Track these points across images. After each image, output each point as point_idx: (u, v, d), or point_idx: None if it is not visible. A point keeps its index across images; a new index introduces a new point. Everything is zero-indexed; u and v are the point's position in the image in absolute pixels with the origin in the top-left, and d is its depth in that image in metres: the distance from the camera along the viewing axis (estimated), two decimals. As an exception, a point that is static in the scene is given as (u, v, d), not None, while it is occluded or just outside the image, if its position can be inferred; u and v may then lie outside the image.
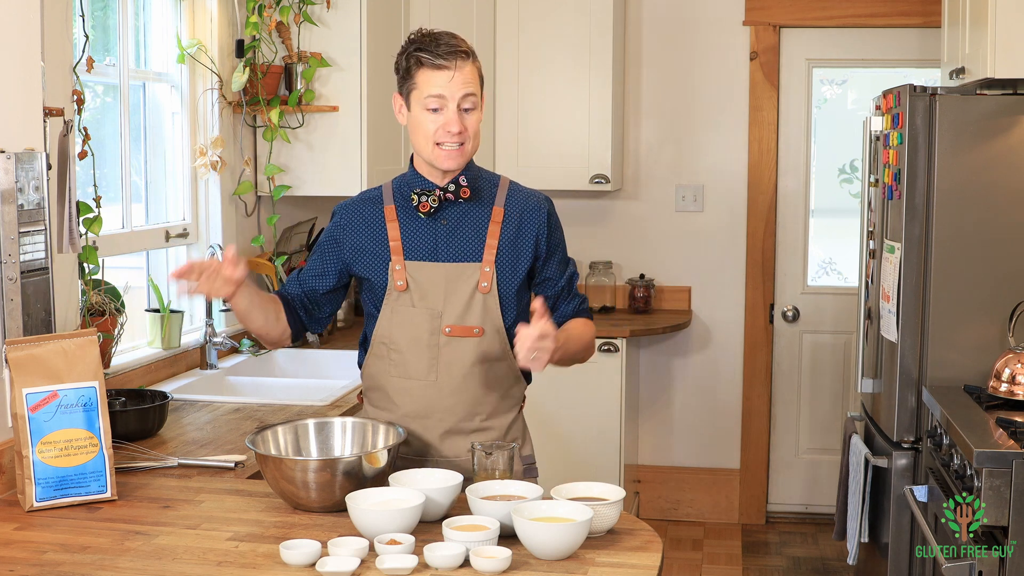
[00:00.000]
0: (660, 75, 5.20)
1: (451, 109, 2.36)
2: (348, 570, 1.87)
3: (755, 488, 5.33)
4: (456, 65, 2.35)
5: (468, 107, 2.38)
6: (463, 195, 2.44)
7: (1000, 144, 3.48)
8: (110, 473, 2.31)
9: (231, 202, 3.94)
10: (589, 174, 4.91)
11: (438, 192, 2.43)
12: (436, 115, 2.37)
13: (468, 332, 2.42)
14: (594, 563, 1.93)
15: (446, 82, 2.35)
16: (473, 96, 2.38)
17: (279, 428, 2.35)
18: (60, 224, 2.67)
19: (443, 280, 2.43)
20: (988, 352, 3.45)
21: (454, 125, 2.36)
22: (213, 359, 3.66)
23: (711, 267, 5.26)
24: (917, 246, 3.55)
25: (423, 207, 2.42)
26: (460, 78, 2.35)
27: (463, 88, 2.36)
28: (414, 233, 2.45)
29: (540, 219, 2.48)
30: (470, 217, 2.46)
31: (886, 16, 5.01)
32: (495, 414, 2.49)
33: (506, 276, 2.45)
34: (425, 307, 2.42)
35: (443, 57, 2.34)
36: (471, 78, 2.37)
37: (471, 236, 2.45)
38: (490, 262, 2.43)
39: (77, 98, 2.90)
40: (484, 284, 2.42)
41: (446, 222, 2.45)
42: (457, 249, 2.44)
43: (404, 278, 2.43)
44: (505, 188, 2.50)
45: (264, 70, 3.91)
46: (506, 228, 2.46)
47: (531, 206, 2.49)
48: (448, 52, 2.35)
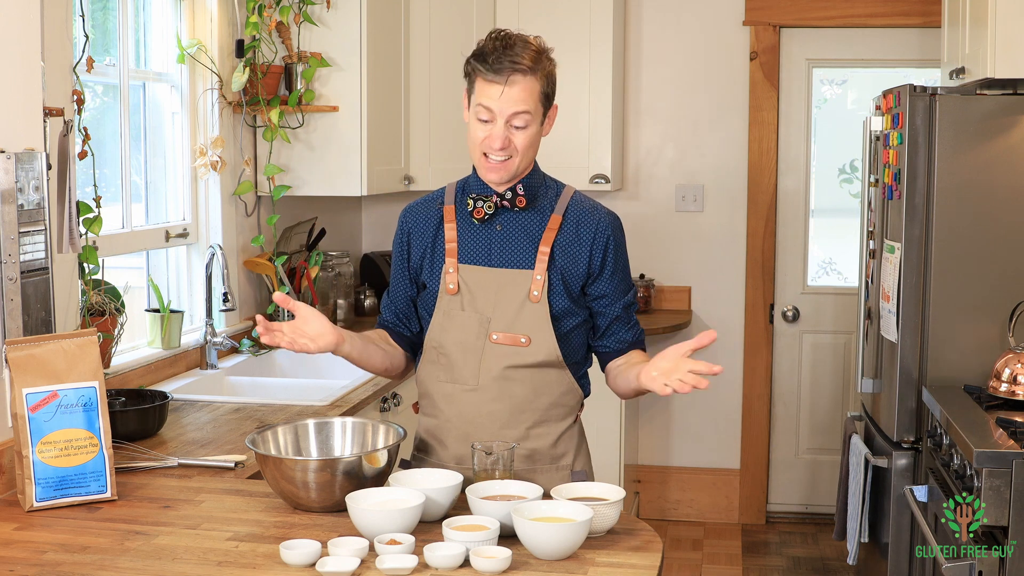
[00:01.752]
0: (660, 75, 5.20)
1: (498, 124, 2.31)
2: (348, 570, 1.87)
3: (755, 488, 5.33)
4: (509, 81, 2.28)
5: (519, 124, 2.32)
6: (519, 204, 2.39)
7: (1000, 144, 3.48)
8: (110, 473, 2.31)
9: (231, 202, 3.94)
10: (589, 174, 4.91)
11: (495, 198, 2.39)
12: (485, 125, 2.33)
13: (515, 341, 2.36)
14: (594, 563, 1.93)
15: (496, 97, 2.29)
16: (526, 114, 2.31)
17: (279, 428, 2.35)
18: (60, 224, 2.67)
19: (494, 285, 2.38)
20: (988, 352, 3.45)
21: (497, 141, 2.31)
22: (213, 359, 3.66)
23: (711, 267, 5.26)
24: (917, 246, 3.55)
25: (477, 213, 2.39)
26: (511, 95, 2.29)
27: (513, 106, 2.29)
28: (470, 236, 2.41)
29: (599, 230, 2.41)
30: (526, 223, 2.40)
31: (886, 16, 5.01)
32: (542, 423, 2.41)
33: (558, 284, 2.38)
34: (474, 311, 2.37)
35: (496, 72, 2.28)
36: (525, 95, 2.30)
37: (525, 243, 2.39)
38: (542, 270, 2.36)
39: (77, 98, 2.90)
40: (535, 292, 2.36)
41: (501, 228, 2.40)
42: (510, 255, 2.39)
43: (456, 281, 2.38)
44: (568, 197, 2.44)
45: (264, 70, 3.91)
46: (562, 237, 2.39)
47: (592, 218, 2.42)
48: (503, 67, 2.28)
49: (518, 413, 2.39)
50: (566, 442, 2.45)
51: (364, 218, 5.20)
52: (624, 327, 2.46)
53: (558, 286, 2.38)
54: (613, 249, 2.43)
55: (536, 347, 2.36)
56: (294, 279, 4.13)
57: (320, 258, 4.18)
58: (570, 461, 2.46)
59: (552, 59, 2.41)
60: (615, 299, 2.44)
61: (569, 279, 2.39)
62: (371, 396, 3.37)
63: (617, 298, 2.44)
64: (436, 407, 2.44)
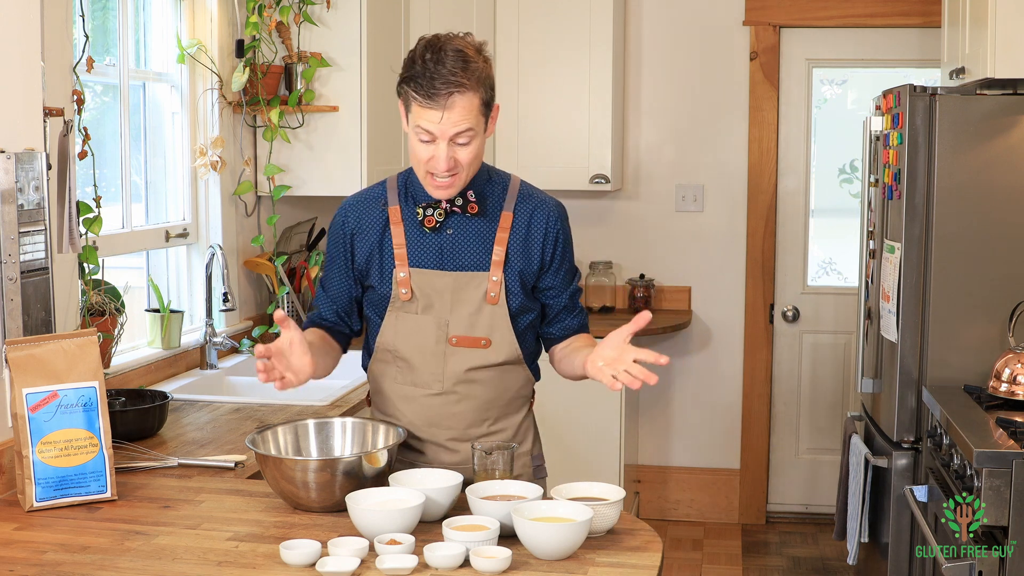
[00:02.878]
0: (660, 75, 5.20)
1: (441, 146, 2.23)
2: (348, 570, 1.87)
3: (755, 488, 5.33)
4: (447, 104, 2.19)
5: (462, 141, 2.24)
6: (471, 210, 2.35)
7: (1000, 144, 3.48)
8: (110, 473, 2.31)
9: (231, 202, 3.94)
10: (589, 174, 4.91)
11: (444, 205, 2.34)
12: (427, 146, 2.25)
13: (475, 343, 2.35)
14: (594, 563, 1.93)
15: (436, 121, 2.20)
16: (469, 131, 2.23)
17: (279, 428, 2.35)
18: (60, 224, 2.67)
19: (449, 289, 2.35)
20: (988, 352, 3.45)
21: (442, 163, 2.23)
22: (213, 359, 3.66)
23: (711, 267, 5.26)
24: (917, 246, 3.55)
25: (428, 222, 2.34)
26: (451, 117, 2.20)
27: (454, 127, 2.21)
28: (419, 240, 2.36)
29: (549, 225, 2.39)
30: (478, 225, 2.37)
31: (886, 16, 5.01)
32: (503, 416, 2.44)
33: (515, 284, 2.36)
34: (431, 316, 2.35)
35: (432, 98, 2.18)
36: (466, 114, 2.21)
37: (478, 244, 2.36)
38: (498, 271, 2.34)
39: (77, 98, 2.90)
40: (492, 294, 2.34)
41: (452, 231, 2.36)
42: (464, 258, 2.36)
43: (409, 286, 2.35)
44: (515, 191, 2.40)
45: (264, 70, 3.91)
46: (515, 235, 2.37)
47: (541, 211, 2.39)
48: (439, 91, 2.18)
49: (482, 412, 2.41)
50: (524, 431, 2.49)
51: (364, 218, 5.20)
52: (570, 315, 2.47)
53: (515, 285, 2.37)
54: (563, 242, 2.42)
55: (497, 348, 2.37)
56: (294, 279, 4.13)
57: (320, 258, 4.18)
58: (528, 447, 2.50)
59: (488, 59, 2.28)
60: (563, 289, 2.44)
61: (525, 277, 2.38)
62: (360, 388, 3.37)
63: (564, 288, 2.44)
64: (394, 407, 2.43)
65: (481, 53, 2.27)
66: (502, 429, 2.44)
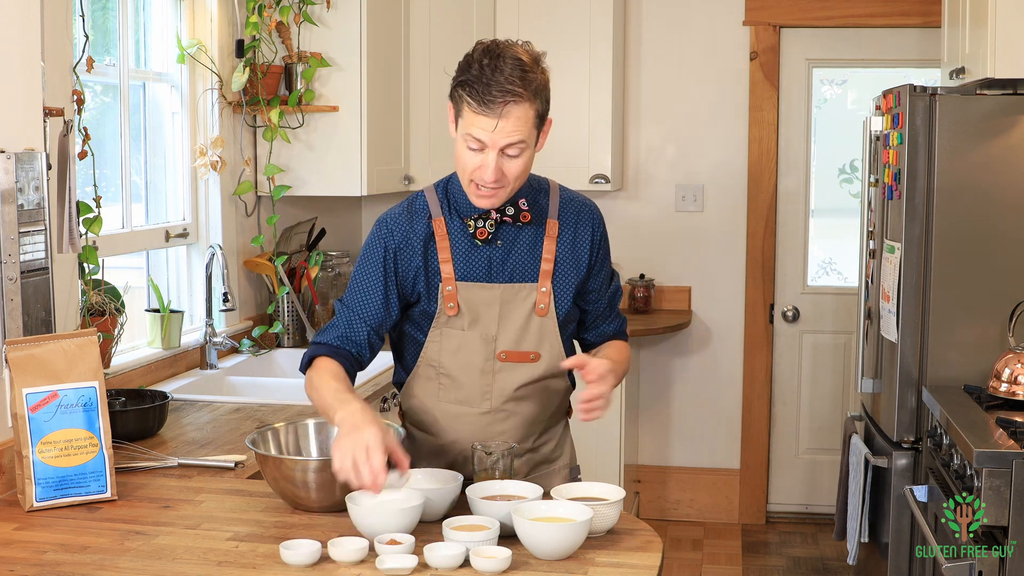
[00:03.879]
0: (660, 75, 5.20)
1: (490, 156, 2.14)
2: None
3: (755, 488, 5.33)
4: (503, 113, 2.09)
5: (513, 153, 2.15)
6: (523, 219, 2.27)
7: (1000, 144, 3.48)
8: (110, 473, 2.31)
9: (231, 202, 3.94)
10: (589, 174, 4.91)
11: (495, 216, 2.26)
12: (475, 154, 2.15)
13: (524, 358, 2.28)
14: (594, 563, 1.93)
15: (489, 130, 2.11)
16: (521, 143, 2.13)
17: (279, 428, 2.35)
18: (60, 224, 2.67)
19: (497, 303, 2.27)
20: (988, 352, 3.45)
21: (490, 173, 2.14)
22: (213, 359, 3.66)
23: (711, 267, 5.26)
24: (917, 246, 3.55)
25: (480, 234, 2.25)
26: (505, 127, 2.10)
27: (507, 138, 2.12)
28: (467, 252, 2.28)
29: (595, 227, 2.34)
30: (526, 235, 2.30)
31: (886, 16, 5.01)
32: (547, 430, 2.41)
33: (565, 294, 2.30)
34: (478, 332, 2.27)
35: (487, 105, 2.09)
36: (520, 124, 2.11)
37: (527, 255, 2.29)
38: (547, 282, 2.28)
39: (77, 98, 2.90)
40: (541, 306, 2.28)
41: (502, 243, 2.28)
42: (512, 269, 2.28)
43: (455, 300, 2.26)
44: (557, 196, 2.33)
45: (264, 70, 3.91)
46: (562, 243, 2.30)
47: (586, 215, 2.34)
48: (495, 99, 2.09)
49: (528, 428, 2.37)
50: (561, 443, 2.46)
51: (364, 218, 5.20)
52: (606, 320, 2.44)
53: (564, 295, 2.32)
54: (604, 240, 2.39)
55: (545, 361, 2.31)
56: (294, 279, 4.13)
57: (320, 258, 4.18)
58: (567, 460, 2.47)
59: (545, 68, 2.19)
60: (603, 293, 2.41)
61: (576, 284, 2.33)
62: (371, 396, 3.37)
63: (604, 291, 2.41)
64: (438, 426, 2.36)
65: (539, 64, 2.18)
66: (546, 442, 2.41)
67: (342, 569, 1.90)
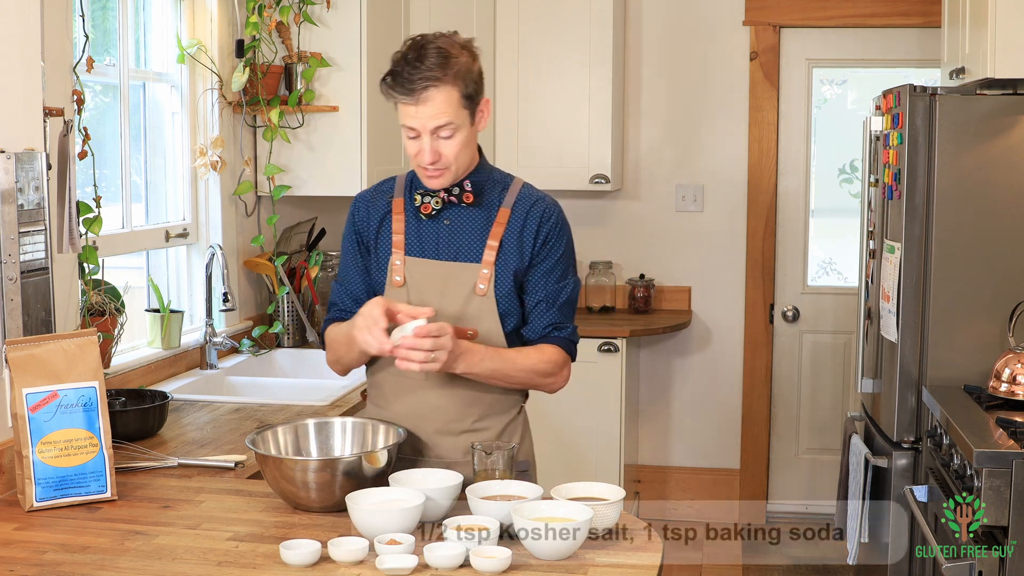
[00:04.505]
0: (660, 75, 5.20)
1: (424, 139, 2.31)
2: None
3: (755, 488, 5.33)
4: (422, 98, 2.27)
5: (444, 135, 2.31)
6: (466, 199, 2.40)
7: (1000, 144, 3.48)
8: (110, 473, 2.31)
9: (231, 202, 3.94)
10: (589, 174, 4.91)
11: (442, 194, 2.40)
12: (414, 141, 2.33)
13: (462, 334, 2.35)
14: (594, 563, 1.93)
15: (414, 115, 2.29)
16: (449, 124, 2.29)
17: (279, 428, 2.35)
18: (60, 224, 2.67)
19: (440, 279, 2.39)
20: (988, 352, 3.44)
21: (426, 156, 2.31)
22: (213, 359, 3.66)
23: (711, 267, 5.25)
24: (917, 246, 3.55)
25: (424, 208, 2.41)
26: (428, 111, 2.28)
27: (433, 120, 2.28)
28: (417, 230, 2.42)
29: (543, 220, 2.41)
30: (474, 218, 2.41)
31: (886, 16, 5.01)
32: (489, 414, 2.45)
33: (506, 278, 2.39)
34: (421, 304, 2.37)
35: (408, 93, 2.27)
36: (443, 107, 2.28)
37: (473, 237, 2.40)
38: (489, 264, 2.38)
39: (77, 98, 2.90)
40: (481, 286, 2.38)
41: (449, 222, 2.41)
42: (458, 248, 2.40)
43: (402, 273, 2.40)
44: (516, 190, 2.44)
45: (264, 70, 3.91)
46: (510, 230, 2.40)
47: (538, 207, 2.42)
48: (414, 85, 2.26)
49: (465, 407, 2.42)
50: (510, 433, 2.49)
51: (364, 218, 5.19)
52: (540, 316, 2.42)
53: (505, 280, 2.39)
54: (553, 239, 2.42)
55: (483, 341, 2.38)
56: (294, 279, 4.13)
57: (320, 258, 4.18)
58: None
59: (472, 52, 2.35)
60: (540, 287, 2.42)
61: (516, 275, 2.40)
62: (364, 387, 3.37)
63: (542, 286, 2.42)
64: (385, 398, 2.48)
65: (467, 48, 2.34)
66: (487, 427, 2.45)
67: (342, 569, 1.90)
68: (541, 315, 2.43)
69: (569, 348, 2.47)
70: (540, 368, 2.41)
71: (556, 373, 2.45)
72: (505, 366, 2.37)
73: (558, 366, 2.44)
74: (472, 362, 2.32)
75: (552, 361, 2.43)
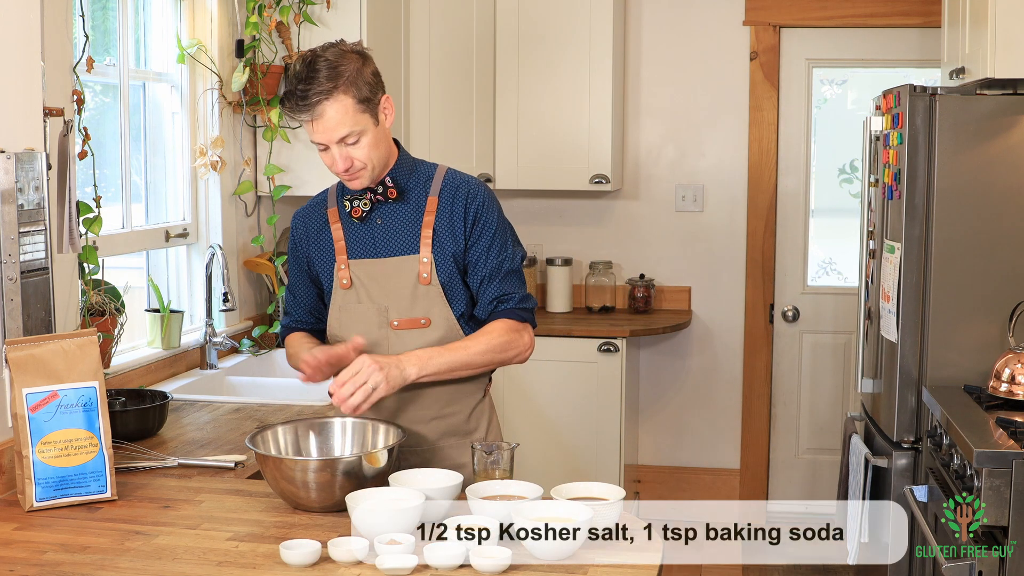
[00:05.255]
0: (660, 75, 5.20)
1: (334, 151, 2.36)
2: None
3: (755, 488, 5.32)
4: (317, 113, 2.31)
5: (351, 142, 2.36)
6: (391, 195, 2.46)
7: (1000, 144, 3.48)
8: (110, 473, 2.31)
9: (231, 202, 3.94)
10: (589, 174, 4.91)
11: (368, 195, 2.46)
12: (325, 153, 2.39)
13: (415, 324, 2.43)
14: (594, 563, 1.93)
15: (316, 131, 2.35)
16: (351, 133, 2.34)
17: (279, 428, 2.35)
18: (60, 224, 2.67)
19: (384, 276, 2.45)
20: (988, 352, 3.44)
21: (339, 164, 2.37)
22: (213, 359, 3.66)
23: (711, 267, 5.25)
24: (917, 246, 3.55)
25: (355, 212, 2.47)
26: (324, 125, 2.32)
27: (333, 132, 2.33)
28: (354, 233, 2.49)
29: (469, 200, 2.46)
30: (405, 211, 2.47)
31: (886, 16, 5.01)
32: (455, 400, 2.50)
33: (446, 264, 2.44)
34: (371, 303, 2.45)
35: (305, 110, 2.32)
36: (339, 117, 2.32)
37: (407, 229, 2.46)
38: (427, 252, 2.44)
39: (77, 98, 2.90)
40: (424, 275, 2.44)
41: (382, 221, 2.47)
42: (395, 244, 2.46)
43: (348, 276, 2.47)
44: (441, 177, 2.50)
45: (264, 70, 3.91)
46: (440, 217, 2.45)
47: (463, 190, 2.47)
48: (306, 103, 2.30)
49: (433, 396, 2.47)
50: (477, 416, 2.54)
51: (364, 218, 5.20)
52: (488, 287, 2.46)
53: (445, 264, 2.44)
54: (483, 217, 2.46)
55: (436, 326, 2.44)
56: (294, 279, 4.12)
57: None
58: (483, 434, 2.54)
59: (363, 55, 2.38)
60: (483, 262, 2.46)
61: (455, 257, 2.45)
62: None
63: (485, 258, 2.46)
64: None
65: (355, 53, 2.37)
66: (454, 412, 2.50)
67: (342, 569, 1.90)
68: (486, 291, 2.47)
69: (520, 315, 2.49)
70: (495, 344, 2.44)
71: (515, 344, 2.46)
72: (458, 356, 2.40)
73: (514, 336, 2.46)
74: (422, 364, 2.35)
75: (504, 333, 2.45)
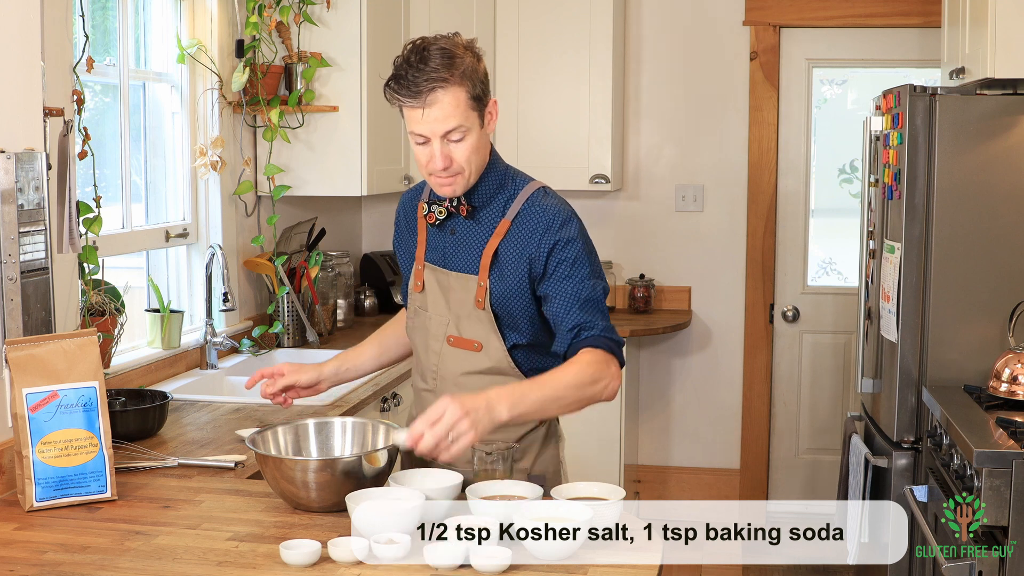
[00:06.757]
0: (660, 75, 5.20)
1: (434, 145, 2.22)
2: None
3: (755, 488, 5.33)
4: (428, 101, 2.17)
5: (455, 139, 2.22)
6: (461, 212, 2.33)
7: (1000, 144, 3.48)
8: (110, 473, 2.31)
9: (231, 202, 3.94)
10: (589, 174, 4.91)
11: (446, 203, 2.35)
12: (423, 147, 2.24)
13: (468, 345, 2.35)
14: (594, 563, 1.93)
15: (421, 120, 2.20)
16: (459, 128, 2.20)
17: (279, 428, 2.35)
18: (60, 224, 2.67)
19: (447, 290, 2.38)
20: (988, 352, 3.45)
21: (438, 162, 2.22)
22: (213, 359, 3.66)
23: (711, 267, 5.26)
24: (917, 246, 3.55)
25: (429, 218, 2.38)
26: (435, 114, 2.18)
27: (442, 124, 2.19)
28: (435, 238, 2.42)
29: (546, 231, 2.27)
30: (476, 229, 2.35)
31: (886, 16, 5.01)
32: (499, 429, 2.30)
33: (503, 291, 2.31)
34: (436, 313, 2.39)
35: (413, 96, 2.17)
36: (451, 109, 2.18)
37: (474, 248, 2.34)
38: (484, 277, 2.32)
39: (77, 98, 2.90)
40: (479, 299, 2.32)
41: (455, 232, 2.38)
42: (462, 259, 2.36)
43: (422, 279, 2.42)
44: (523, 199, 2.32)
45: (264, 70, 3.91)
46: (509, 242, 2.30)
47: (541, 223, 2.28)
48: (420, 88, 2.16)
49: None
50: (529, 449, 2.41)
51: (364, 218, 5.20)
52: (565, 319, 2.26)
53: (503, 292, 2.30)
54: (560, 248, 2.27)
55: (487, 354, 2.34)
56: (294, 279, 4.12)
57: (320, 258, 4.18)
58: (528, 465, 2.41)
59: (476, 53, 2.24)
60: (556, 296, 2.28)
61: (511, 284, 2.30)
62: (371, 396, 3.37)
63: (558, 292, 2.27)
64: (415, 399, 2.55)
65: (470, 49, 2.24)
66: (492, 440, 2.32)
67: (342, 569, 1.90)
68: (564, 320, 2.27)
69: (607, 345, 2.26)
70: (586, 377, 2.20)
71: (603, 375, 2.22)
72: (547, 391, 2.18)
73: (602, 368, 2.22)
74: (514, 403, 2.11)
75: (592, 364, 2.22)
